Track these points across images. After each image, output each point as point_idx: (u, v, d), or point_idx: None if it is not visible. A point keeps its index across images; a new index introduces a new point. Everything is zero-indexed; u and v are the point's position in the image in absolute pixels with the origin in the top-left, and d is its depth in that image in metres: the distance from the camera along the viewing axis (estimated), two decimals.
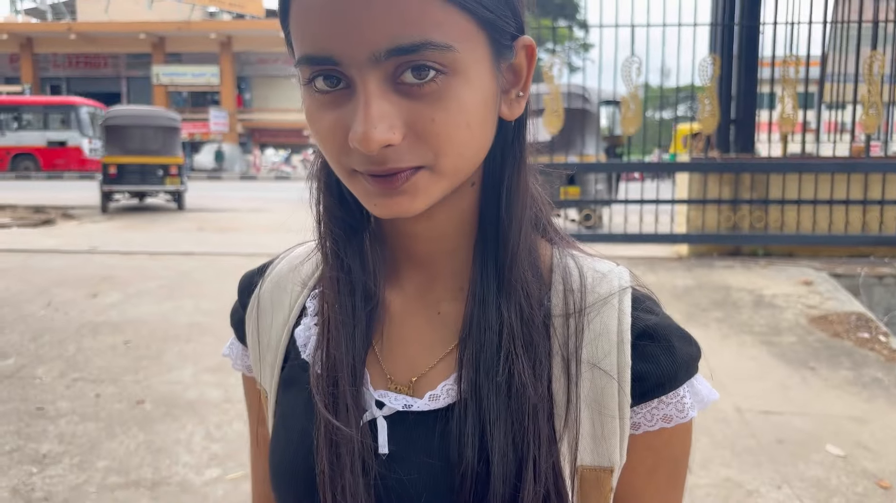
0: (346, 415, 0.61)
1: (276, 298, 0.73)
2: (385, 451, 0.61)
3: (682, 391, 0.62)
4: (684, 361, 0.63)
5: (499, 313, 0.61)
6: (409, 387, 0.64)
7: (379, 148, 0.54)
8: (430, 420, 0.62)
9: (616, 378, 0.60)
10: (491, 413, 0.58)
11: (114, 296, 5.89)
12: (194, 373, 4.39)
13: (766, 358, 4.60)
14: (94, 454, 3.48)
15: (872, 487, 3.26)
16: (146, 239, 9.17)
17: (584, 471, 0.61)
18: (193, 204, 14.05)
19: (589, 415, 0.61)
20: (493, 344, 0.60)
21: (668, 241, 6.91)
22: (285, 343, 0.71)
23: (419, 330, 0.66)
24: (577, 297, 0.62)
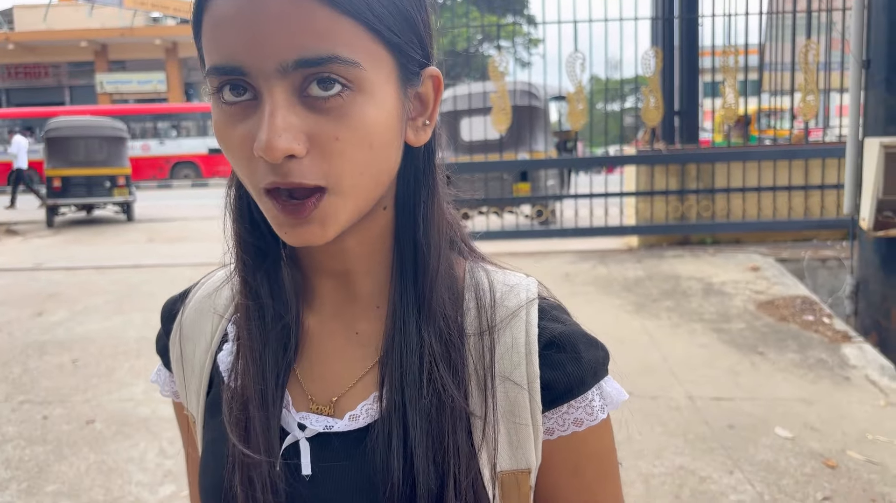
0: (256, 441, 0.62)
1: (198, 325, 0.73)
2: (308, 472, 0.62)
3: (591, 395, 0.64)
4: (591, 366, 0.64)
5: (419, 335, 0.61)
6: (330, 407, 0.64)
7: (282, 157, 0.54)
8: (350, 440, 0.62)
9: (526, 388, 0.62)
10: (415, 431, 0.59)
11: (60, 313, 5.75)
12: (146, 390, 4.31)
13: (717, 345, 4.69)
14: (42, 478, 3.40)
15: (820, 467, 3.35)
16: (94, 253, 8.97)
17: (504, 476, 0.63)
18: (143, 214, 13.80)
19: (504, 425, 0.62)
20: (415, 365, 0.60)
21: (618, 233, 7.01)
22: (209, 369, 0.71)
23: (337, 350, 0.66)
24: (488, 314, 0.64)
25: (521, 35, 35.46)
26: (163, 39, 32.97)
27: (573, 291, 5.78)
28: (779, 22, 7.06)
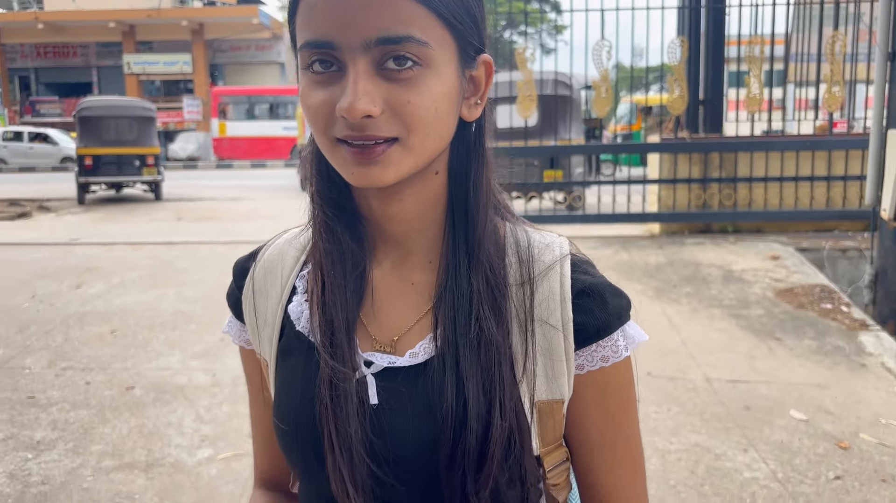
0: (342, 359, 0.74)
1: (269, 280, 0.84)
2: (375, 402, 0.74)
3: (616, 336, 0.76)
4: (616, 312, 0.76)
5: (468, 283, 0.74)
6: (392, 347, 0.76)
7: (361, 117, 0.66)
8: (410, 374, 0.74)
9: (561, 330, 0.74)
10: (465, 364, 0.71)
11: (98, 286, 5.96)
12: (182, 360, 4.49)
13: (735, 330, 4.79)
14: (87, 439, 3.59)
15: (833, 448, 3.46)
16: (126, 230, 9.19)
17: (541, 405, 0.75)
18: (171, 193, 14.03)
19: (542, 361, 0.74)
20: (465, 307, 0.73)
21: (640, 220, 7.10)
22: (280, 318, 0.82)
23: (396, 298, 0.78)
24: (528, 267, 0.76)
25: (546, 21, 35.30)
26: (189, 21, 33.19)
27: None
28: (806, 12, 7.07)
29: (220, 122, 27.50)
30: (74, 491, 3.15)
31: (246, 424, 3.70)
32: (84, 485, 3.19)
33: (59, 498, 3.10)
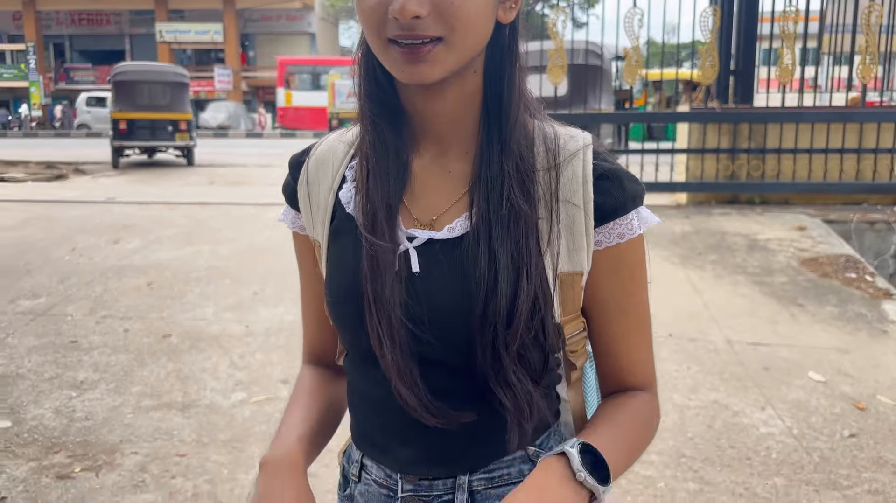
0: (381, 235, 0.84)
1: (321, 171, 0.94)
2: (416, 270, 0.84)
3: (631, 216, 0.85)
4: (631, 195, 0.85)
5: (501, 168, 0.83)
6: (431, 225, 0.86)
7: (411, 17, 0.75)
8: (448, 246, 0.84)
9: (582, 208, 0.83)
10: (497, 237, 0.81)
11: (135, 242, 6.14)
12: (216, 311, 4.65)
13: (758, 296, 4.84)
14: (127, 381, 3.76)
15: (849, 408, 3.52)
16: (160, 191, 9.40)
17: (563, 276, 0.84)
18: (202, 160, 14.24)
19: (564, 236, 0.83)
20: (497, 189, 0.83)
21: (667, 189, 7.12)
22: (332, 203, 0.92)
23: (436, 184, 0.88)
24: (554, 155, 0.85)
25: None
26: None
27: None
28: None
29: (286, 91, 27.48)
30: (116, 426, 3.32)
31: (277, 371, 3.85)
32: (125, 421, 3.36)
33: (102, 432, 3.27)
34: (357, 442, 0.94)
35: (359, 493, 0.93)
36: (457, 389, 0.84)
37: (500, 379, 0.81)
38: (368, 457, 0.92)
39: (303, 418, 0.93)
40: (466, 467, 0.87)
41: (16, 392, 3.61)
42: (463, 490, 0.86)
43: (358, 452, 0.94)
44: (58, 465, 3.01)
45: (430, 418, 0.83)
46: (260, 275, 5.28)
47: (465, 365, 0.82)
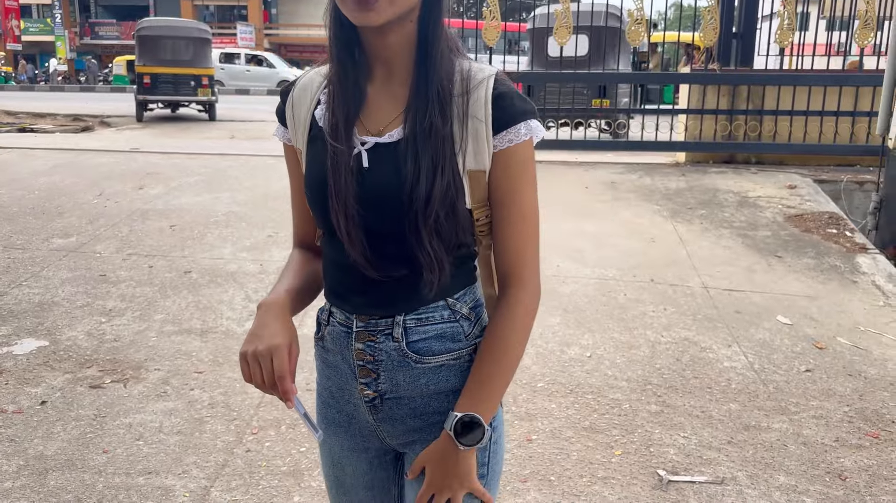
0: (340, 140, 1.15)
1: (303, 96, 1.25)
2: (366, 165, 1.16)
3: (520, 126, 1.15)
4: (520, 110, 1.15)
5: (427, 94, 1.15)
6: (379, 133, 1.18)
7: None
8: (389, 149, 1.16)
9: (484, 121, 1.14)
10: (420, 143, 1.13)
11: (158, 188, 6.52)
12: (233, 252, 5.02)
13: (740, 248, 5.13)
14: (151, 309, 4.14)
15: (810, 347, 3.84)
16: (182, 144, 9.75)
17: (471, 172, 1.15)
18: (223, 115, 14.55)
19: (471, 142, 1.14)
20: (423, 110, 1.14)
21: (666, 148, 7.36)
22: (309, 120, 1.23)
23: (383, 103, 1.19)
24: (466, 84, 1.16)
25: None
26: None
27: (616, 196, 6.24)
28: None
29: None
30: (142, 347, 3.71)
31: None
32: (149, 343, 3.75)
33: (129, 351, 3.66)
34: (327, 295, 1.28)
35: (328, 333, 1.26)
36: (392, 253, 1.15)
37: (420, 245, 1.13)
38: (334, 306, 1.25)
39: (290, 279, 1.26)
40: (401, 309, 1.19)
41: (51, 317, 4.01)
42: (399, 326, 1.19)
43: (327, 304, 1.28)
44: (90, 377, 3.40)
45: (373, 272, 1.16)
46: (274, 220, 5.63)
47: (397, 234, 1.14)
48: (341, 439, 1.30)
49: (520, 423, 3.07)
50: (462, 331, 1.21)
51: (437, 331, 1.20)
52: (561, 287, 4.46)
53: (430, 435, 1.22)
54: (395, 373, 1.21)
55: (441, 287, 1.17)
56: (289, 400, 1.13)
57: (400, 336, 1.19)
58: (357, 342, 1.21)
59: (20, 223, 5.51)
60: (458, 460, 1.17)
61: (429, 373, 1.20)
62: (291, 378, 1.14)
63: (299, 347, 1.18)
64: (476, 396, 1.17)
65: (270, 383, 1.13)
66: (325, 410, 1.32)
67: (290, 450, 2.85)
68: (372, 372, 1.21)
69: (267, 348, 1.13)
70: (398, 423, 1.24)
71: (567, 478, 2.71)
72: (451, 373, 1.21)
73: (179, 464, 2.75)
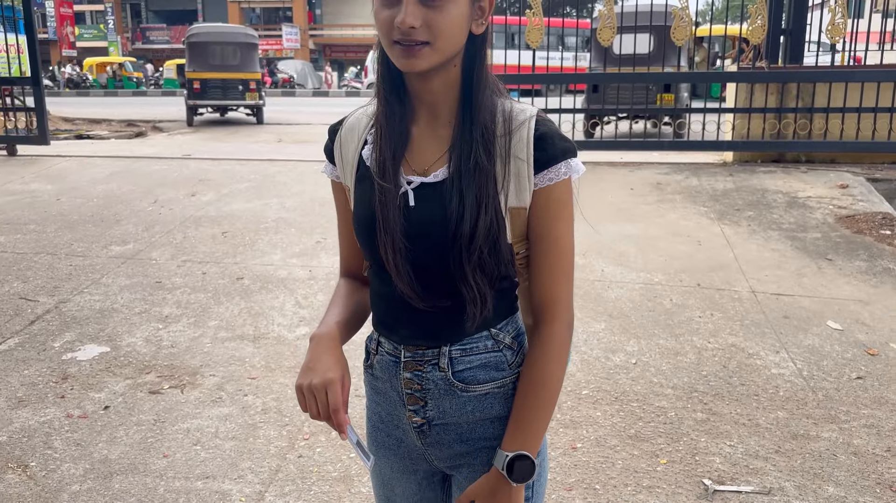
0: (388, 179, 1.21)
1: (350, 135, 1.32)
2: (412, 204, 1.22)
3: (560, 165, 1.19)
4: (561, 150, 1.20)
5: (471, 135, 1.20)
6: (424, 173, 1.23)
7: (408, 28, 1.11)
8: (434, 188, 1.21)
9: (526, 161, 1.19)
10: (465, 182, 1.18)
11: (209, 195, 6.69)
12: (283, 258, 5.14)
13: (788, 250, 5.07)
14: (205, 316, 4.28)
15: (861, 354, 3.78)
16: (232, 148, 9.97)
17: (512, 210, 1.20)
18: (271, 118, 14.82)
19: (513, 181, 1.19)
20: (467, 150, 1.19)
21: (713, 147, 7.28)
22: (356, 159, 1.30)
23: (427, 144, 1.25)
24: (508, 123, 1.21)
25: None
26: None
27: (661, 198, 6.21)
28: None
29: None
30: (197, 353, 3.84)
31: None
32: (204, 349, 3.88)
33: (185, 357, 3.79)
34: (375, 326, 1.34)
35: (377, 362, 1.33)
36: (437, 285, 1.21)
37: (464, 280, 1.18)
38: (382, 336, 1.32)
39: (339, 310, 1.33)
40: (447, 340, 1.25)
41: (112, 323, 4.17)
42: (444, 356, 1.25)
43: (375, 334, 1.34)
44: (149, 383, 3.54)
45: (419, 302, 1.21)
46: (322, 225, 5.75)
47: (442, 269, 1.20)
48: (391, 461, 1.37)
49: (564, 431, 3.10)
50: (505, 360, 1.26)
51: (482, 360, 1.25)
52: (605, 292, 4.47)
53: (476, 459, 1.28)
54: (442, 400, 1.26)
55: (483, 319, 1.22)
56: (342, 431, 1.20)
57: (446, 366, 1.25)
58: (405, 371, 1.28)
59: (80, 231, 5.73)
60: (509, 495, 1.23)
61: (474, 401, 1.26)
62: (344, 409, 1.20)
63: (350, 379, 1.24)
64: (521, 434, 1.22)
65: (325, 415, 1.19)
66: (374, 433, 1.38)
67: (341, 456, 2.94)
68: (420, 399, 1.28)
69: (321, 382, 1.18)
70: (445, 448, 1.30)
71: (612, 486, 2.74)
72: (496, 400, 1.27)
73: (235, 468, 2.85)
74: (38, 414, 3.25)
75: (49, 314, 4.27)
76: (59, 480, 2.77)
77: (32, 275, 4.83)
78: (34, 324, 4.14)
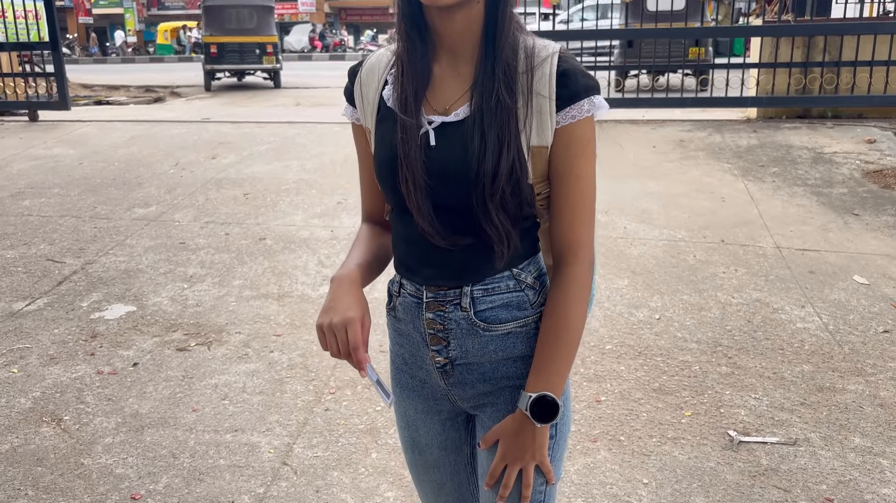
0: (411, 114, 1.19)
1: (370, 76, 1.30)
2: (433, 143, 1.20)
3: (583, 102, 1.17)
4: (584, 87, 1.17)
5: (493, 72, 1.17)
6: (445, 112, 1.21)
7: None
8: (455, 127, 1.19)
9: (548, 98, 1.17)
10: (487, 120, 1.16)
11: (230, 157, 6.70)
12: (305, 218, 5.16)
13: (814, 206, 5.00)
14: (230, 275, 4.31)
15: (888, 308, 3.75)
16: (250, 112, 9.96)
17: (534, 148, 1.18)
18: (288, 82, 14.75)
19: (535, 119, 1.17)
20: (489, 88, 1.17)
21: (736, 104, 7.16)
22: (377, 100, 1.28)
23: (449, 82, 1.23)
24: (530, 60, 1.19)
25: None
26: None
27: (685, 155, 6.14)
28: None
29: None
30: (222, 311, 3.87)
31: None
32: (229, 307, 3.91)
33: (211, 316, 3.83)
34: (397, 268, 1.34)
35: (399, 304, 1.33)
36: (458, 225, 1.20)
37: (488, 219, 1.17)
38: (404, 278, 1.31)
39: (361, 253, 1.32)
40: (469, 280, 1.24)
41: (137, 283, 4.22)
42: (466, 296, 1.24)
43: (397, 276, 1.34)
44: (176, 341, 3.58)
45: (440, 240, 1.20)
46: (343, 186, 5.75)
47: (464, 208, 1.18)
48: (415, 402, 1.37)
49: (588, 385, 3.11)
50: (528, 300, 1.26)
51: (504, 300, 1.25)
52: (629, 249, 4.45)
53: (499, 398, 1.29)
54: (465, 340, 1.26)
55: (510, 257, 1.21)
56: (362, 368, 1.19)
57: (468, 306, 1.24)
58: (427, 312, 1.27)
59: (103, 194, 5.77)
60: (533, 436, 1.23)
61: (496, 341, 1.26)
62: (364, 348, 1.20)
63: (371, 318, 1.23)
64: (545, 374, 1.22)
65: (345, 353, 1.19)
66: (398, 375, 1.39)
67: (367, 409, 2.97)
68: (442, 339, 1.27)
69: (341, 321, 1.18)
70: (468, 388, 1.30)
71: (637, 438, 2.76)
72: (518, 339, 1.26)
73: (263, 422, 2.90)
74: (70, 370, 3.30)
75: (76, 275, 4.33)
76: (92, 433, 2.83)
77: (58, 238, 4.89)
78: (62, 285, 4.20)
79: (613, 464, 2.61)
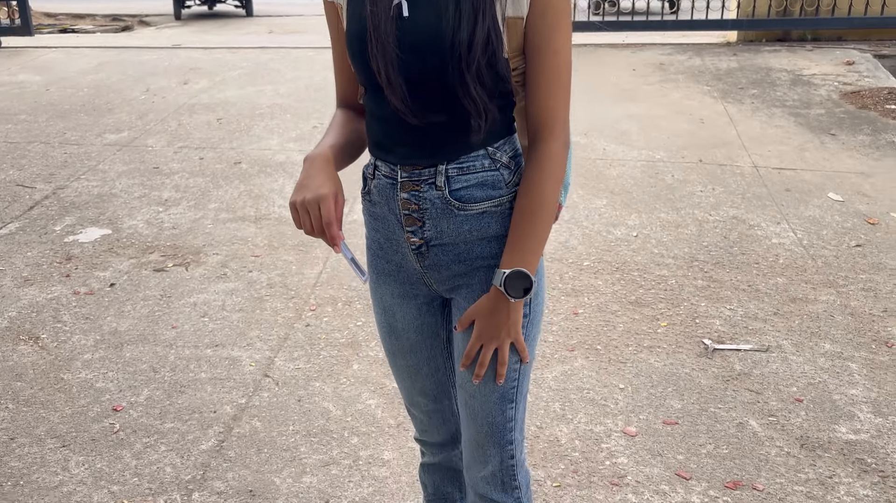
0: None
1: None
2: (406, 14, 1.16)
3: None
4: None
5: None
6: None
7: None
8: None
9: None
10: None
11: (202, 83, 6.55)
12: (280, 143, 5.08)
13: (791, 126, 5.01)
14: (205, 199, 4.26)
15: (861, 223, 3.80)
16: (222, 40, 9.69)
17: (509, 20, 1.15)
18: (260, 10, 14.32)
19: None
20: None
21: (716, 27, 7.07)
22: None
23: None
24: None
25: None
26: None
27: (665, 78, 6.09)
28: None
29: None
30: (199, 234, 3.84)
31: None
32: (206, 230, 3.87)
33: (188, 238, 3.79)
34: (371, 150, 1.32)
35: (374, 187, 1.31)
36: (433, 100, 1.17)
37: (464, 91, 1.14)
38: (378, 159, 1.29)
39: (334, 136, 1.30)
40: (443, 158, 1.22)
41: (111, 207, 4.15)
42: (441, 174, 1.23)
43: (372, 159, 1.32)
44: (153, 262, 3.56)
45: (413, 118, 1.18)
46: (318, 110, 5.66)
47: (438, 82, 1.15)
48: (391, 287, 1.38)
49: (566, 299, 3.14)
50: (503, 179, 1.24)
51: (479, 179, 1.23)
52: (607, 170, 4.45)
53: (474, 279, 1.29)
54: (440, 220, 1.25)
55: (488, 132, 1.19)
56: (336, 244, 1.18)
57: (443, 184, 1.23)
58: (402, 192, 1.26)
59: (73, 120, 5.63)
60: (508, 312, 1.23)
61: (471, 220, 1.25)
62: (338, 225, 1.19)
63: (344, 197, 1.22)
64: (519, 251, 1.21)
65: (319, 229, 1.18)
66: (374, 261, 1.39)
67: (348, 324, 2.99)
68: (417, 220, 1.26)
69: (314, 197, 1.16)
70: (444, 269, 1.30)
71: (613, 347, 2.80)
72: (493, 219, 1.25)
73: (244, 337, 2.90)
74: (45, 291, 3.28)
75: (47, 200, 4.25)
76: (71, 350, 2.82)
77: (27, 164, 4.78)
78: (33, 210, 4.13)
79: (590, 370, 2.66)
